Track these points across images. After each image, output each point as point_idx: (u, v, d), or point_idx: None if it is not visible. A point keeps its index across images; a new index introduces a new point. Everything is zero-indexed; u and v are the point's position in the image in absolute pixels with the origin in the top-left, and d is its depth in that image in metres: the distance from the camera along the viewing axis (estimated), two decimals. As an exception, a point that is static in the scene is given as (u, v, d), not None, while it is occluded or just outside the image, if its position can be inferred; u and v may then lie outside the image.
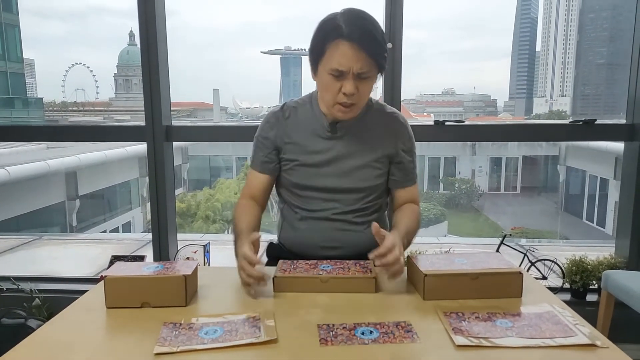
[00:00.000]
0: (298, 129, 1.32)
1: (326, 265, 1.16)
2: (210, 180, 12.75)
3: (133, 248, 4.40)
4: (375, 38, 1.15)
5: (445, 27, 65.24)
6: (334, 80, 1.18)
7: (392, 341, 0.87)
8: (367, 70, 1.16)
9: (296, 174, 1.32)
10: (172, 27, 2.36)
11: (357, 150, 1.29)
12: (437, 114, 22.88)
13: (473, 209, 14.21)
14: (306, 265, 1.17)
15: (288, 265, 1.17)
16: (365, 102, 1.25)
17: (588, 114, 8.25)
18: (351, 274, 1.11)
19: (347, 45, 1.13)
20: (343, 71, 1.15)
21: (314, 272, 1.12)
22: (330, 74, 1.17)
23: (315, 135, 1.30)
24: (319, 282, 1.10)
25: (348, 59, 1.14)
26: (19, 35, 12.43)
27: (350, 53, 1.13)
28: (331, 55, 1.15)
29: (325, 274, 1.11)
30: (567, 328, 0.91)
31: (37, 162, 8.24)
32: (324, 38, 1.16)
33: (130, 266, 1.11)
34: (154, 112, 2.26)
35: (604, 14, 37.39)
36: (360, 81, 1.17)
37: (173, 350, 0.84)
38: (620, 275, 1.95)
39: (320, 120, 1.30)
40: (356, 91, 1.17)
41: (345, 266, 1.16)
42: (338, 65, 1.15)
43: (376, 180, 1.31)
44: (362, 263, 1.17)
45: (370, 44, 1.14)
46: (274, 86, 27.99)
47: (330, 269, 1.14)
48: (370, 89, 1.22)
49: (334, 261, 1.19)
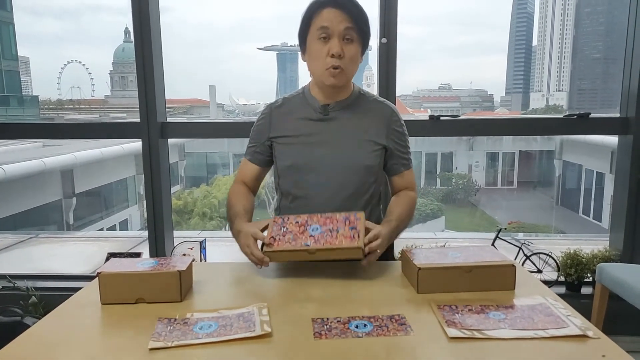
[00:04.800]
0: (290, 115, 1.37)
1: (315, 226, 1.17)
2: (207, 177, 12.73)
3: (130, 245, 4.39)
4: (357, 6, 1.27)
5: (441, 23, 65.24)
6: (321, 44, 1.26)
7: (385, 334, 0.88)
8: (351, 30, 1.25)
9: (290, 157, 1.34)
10: (167, 24, 2.36)
11: (349, 131, 1.33)
12: (434, 109, 22.88)
13: (470, 204, 14.22)
14: (296, 226, 1.18)
15: (279, 228, 1.19)
16: (352, 70, 1.31)
17: (585, 108, 8.39)
18: (338, 241, 1.12)
19: (331, 9, 1.25)
20: (329, 30, 1.24)
21: (302, 241, 1.14)
22: (318, 38, 1.26)
23: (307, 119, 1.35)
24: (306, 254, 1.12)
25: (332, 19, 1.24)
26: (14, 33, 12.34)
27: (334, 13, 1.24)
28: (317, 21, 1.26)
29: (313, 242, 1.13)
30: (559, 319, 0.92)
31: (33, 160, 8.20)
32: (311, 12, 1.27)
33: (125, 262, 1.11)
34: (148, 109, 2.26)
35: (599, 9, 37.43)
36: (345, 44, 1.25)
37: (167, 345, 0.85)
38: (614, 268, 1.97)
39: (312, 104, 1.35)
40: (342, 53, 1.25)
41: (334, 227, 1.16)
42: (324, 22, 1.25)
43: (369, 160, 1.33)
44: (352, 219, 1.17)
45: (353, 9, 1.25)
46: (271, 82, 27.94)
47: (318, 234, 1.14)
48: (356, 55, 1.29)
49: (323, 218, 1.19)
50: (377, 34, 2.16)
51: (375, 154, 1.34)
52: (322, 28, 1.25)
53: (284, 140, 1.36)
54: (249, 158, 1.42)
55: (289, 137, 1.35)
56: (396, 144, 1.36)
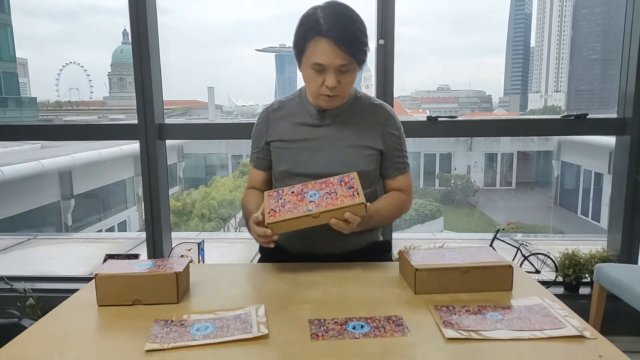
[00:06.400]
0: (287, 119, 1.36)
1: (312, 192, 1.16)
2: (206, 178, 12.71)
3: (128, 247, 4.39)
4: (354, 34, 1.19)
5: (439, 24, 65.36)
6: (316, 74, 1.22)
7: (383, 335, 0.88)
8: (348, 64, 1.20)
9: (286, 162, 1.34)
10: (166, 25, 2.36)
11: (345, 136, 1.32)
12: (433, 110, 22.88)
13: (469, 204, 14.23)
14: (292, 195, 1.17)
15: (275, 200, 1.17)
16: (348, 92, 1.30)
17: (582, 109, 8.36)
18: (340, 201, 1.12)
19: (326, 42, 1.17)
20: (324, 66, 1.20)
21: (303, 207, 1.13)
22: (312, 68, 1.22)
23: (303, 124, 1.34)
24: (310, 218, 1.11)
25: (327, 55, 1.18)
26: (12, 35, 12.34)
27: (329, 49, 1.17)
28: (312, 52, 1.19)
29: (315, 206, 1.12)
30: (556, 320, 0.92)
31: (31, 161, 8.20)
32: (305, 34, 1.20)
33: (122, 264, 1.11)
34: (146, 110, 2.25)
35: (597, 10, 37.52)
36: (341, 74, 1.22)
37: (164, 347, 0.85)
38: (612, 269, 1.97)
39: (309, 109, 1.34)
40: (338, 84, 1.22)
41: (332, 189, 1.15)
42: (319, 60, 1.19)
43: (364, 165, 1.31)
44: (346, 180, 1.17)
45: (348, 41, 1.17)
46: (269, 84, 27.92)
47: (318, 198, 1.14)
48: (353, 80, 1.26)
49: (319, 184, 1.18)
50: (374, 36, 2.16)
51: (370, 158, 1.32)
52: (316, 64, 1.19)
53: (280, 144, 1.35)
54: (254, 165, 1.43)
55: (284, 142, 1.34)
56: (391, 148, 1.35)
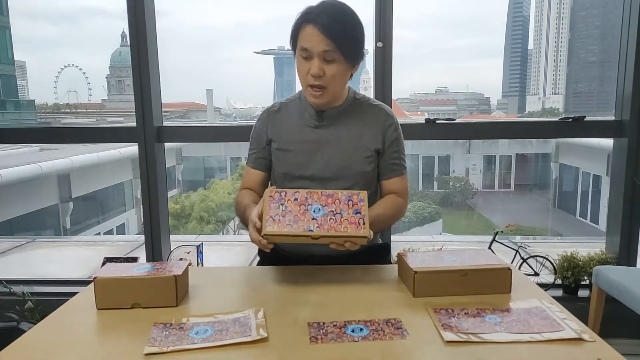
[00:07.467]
0: (287, 120, 1.37)
1: (317, 207, 1.12)
2: (205, 181, 12.70)
3: (127, 250, 4.37)
4: (340, 24, 1.22)
5: (437, 26, 65.48)
6: (303, 62, 1.25)
7: (382, 338, 0.88)
8: (331, 51, 1.21)
9: (285, 164, 1.34)
10: (164, 28, 2.36)
11: (344, 138, 1.32)
12: (431, 112, 22.91)
13: (467, 206, 14.23)
14: (295, 204, 1.12)
15: (276, 205, 1.12)
16: (336, 87, 1.28)
17: (580, 111, 8.29)
18: (343, 227, 1.08)
19: (312, 27, 1.21)
20: (309, 50, 1.22)
21: (304, 224, 1.09)
22: (300, 56, 1.25)
23: (303, 126, 1.35)
24: (309, 239, 1.09)
25: (312, 39, 1.21)
26: (10, 37, 12.33)
27: (314, 34, 1.21)
28: (301, 38, 1.24)
29: (316, 226, 1.08)
30: (555, 323, 0.92)
31: (30, 164, 8.19)
32: (298, 24, 1.25)
33: (121, 267, 1.11)
34: (144, 113, 2.26)
35: (594, 12, 37.61)
36: (326, 64, 1.23)
37: (163, 351, 0.84)
38: (611, 271, 1.97)
39: (308, 110, 1.35)
40: (322, 73, 1.23)
41: (337, 209, 1.11)
42: (303, 44, 1.23)
43: (363, 166, 1.32)
44: (355, 200, 1.12)
45: (333, 28, 1.20)
46: (268, 86, 27.94)
47: (321, 216, 1.10)
48: (339, 73, 1.25)
49: (325, 197, 1.13)
50: (372, 38, 2.17)
51: (369, 159, 1.33)
52: (302, 49, 1.23)
53: (280, 146, 1.35)
54: (252, 165, 1.41)
55: (284, 143, 1.35)
56: (388, 149, 1.35)
